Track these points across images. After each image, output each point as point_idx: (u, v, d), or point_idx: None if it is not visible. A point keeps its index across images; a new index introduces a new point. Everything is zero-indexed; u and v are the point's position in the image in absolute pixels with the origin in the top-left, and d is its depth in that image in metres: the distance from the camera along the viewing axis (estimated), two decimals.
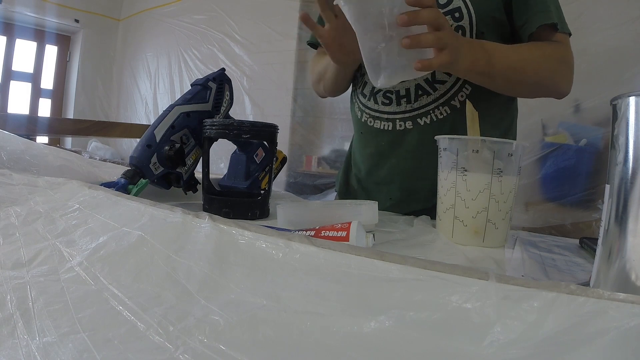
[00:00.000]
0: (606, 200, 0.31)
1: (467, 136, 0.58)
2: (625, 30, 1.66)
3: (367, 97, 0.79)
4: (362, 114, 0.82)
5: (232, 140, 0.69)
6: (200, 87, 0.73)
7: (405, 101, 0.75)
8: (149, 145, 0.65)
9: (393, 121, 0.77)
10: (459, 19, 0.70)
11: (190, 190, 0.73)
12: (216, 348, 0.23)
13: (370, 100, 0.78)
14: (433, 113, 0.74)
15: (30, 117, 2.57)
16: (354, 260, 0.27)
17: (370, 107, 0.79)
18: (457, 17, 0.70)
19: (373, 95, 0.77)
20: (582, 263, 0.50)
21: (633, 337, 0.19)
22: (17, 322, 0.28)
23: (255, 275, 0.29)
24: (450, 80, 0.72)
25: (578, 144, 1.73)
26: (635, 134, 0.28)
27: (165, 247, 0.34)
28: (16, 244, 0.42)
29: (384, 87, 0.70)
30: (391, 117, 0.77)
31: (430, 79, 0.72)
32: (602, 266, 0.31)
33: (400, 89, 0.75)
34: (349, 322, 0.23)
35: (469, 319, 0.22)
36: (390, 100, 0.76)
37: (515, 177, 0.55)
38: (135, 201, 0.45)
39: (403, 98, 0.75)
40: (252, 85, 2.97)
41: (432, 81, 0.72)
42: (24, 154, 0.75)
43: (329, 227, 0.44)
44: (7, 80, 3.63)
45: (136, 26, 4.05)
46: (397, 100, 0.75)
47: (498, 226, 0.54)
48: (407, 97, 0.75)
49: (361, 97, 0.82)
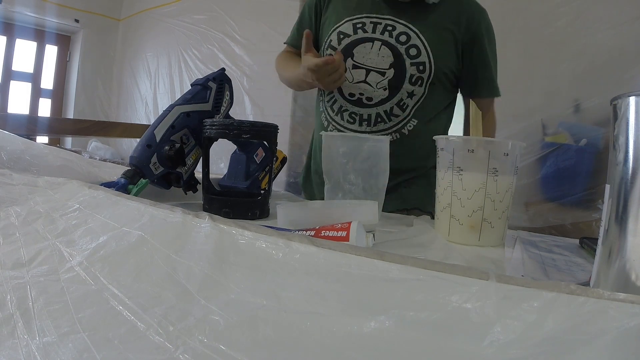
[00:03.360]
0: (606, 200, 0.31)
1: (464, 136, 0.58)
2: (625, 30, 1.66)
3: (334, 112, 0.94)
4: (328, 124, 0.97)
5: (232, 140, 0.69)
6: (200, 87, 0.72)
7: (366, 124, 0.91)
8: (149, 145, 0.65)
9: None
10: (422, 71, 0.87)
11: (190, 190, 0.73)
12: (216, 348, 0.23)
13: (338, 116, 0.94)
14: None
15: (30, 117, 2.57)
16: (354, 260, 0.27)
17: (336, 121, 0.95)
18: (421, 69, 0.87)
19: (340, 112, 0.93)
20: (582, 263, 0.50)
21: (633, 337, 0.19)
22: (17, 322, 0.28)
23: (255, 275, 0.29)
24: (402, 115, 0.90)
25: (578, 144, 1.73)
26: (635, 134, 0.28)
27: (165, 247, 0.34)
28: (16, 244, 0.42)
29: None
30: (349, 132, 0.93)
31: (389, 112, 0.89)
32: (602, 266, 0.31)
33: (364, 113, 0.91)
34: (349, 322, 0.23)
35: (469, 319, 0.22)
36: (354, 120, 0.92)
37: (512, 177, 0.55)
38: (135, 201, 0.45)
39: (365, 121, 0.91)
40: (252, 85, 2.97)
41: (389, 113, 0.90)
42: (24, 154, 0.75)
43: (329, 227, 0.44)
44: (7, 80, 3.63)
45: (136, 26, 4.04)
46: (360, 122, 0.92)
47: (494, 225, 0.54)
48: (368, 121, 0.91)
49: (328, 109, 0.97)
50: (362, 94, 0.89)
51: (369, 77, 0.88)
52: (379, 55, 0.87)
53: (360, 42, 0.89)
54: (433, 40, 0.87)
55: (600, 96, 1.68)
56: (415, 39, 0.86)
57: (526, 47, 1.83)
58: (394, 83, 0.87)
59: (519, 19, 1.84)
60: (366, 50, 0.88)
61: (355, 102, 0.90)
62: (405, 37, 0.86)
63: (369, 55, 0.88)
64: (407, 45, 0.86)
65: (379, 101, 0.88)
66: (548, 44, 1.78)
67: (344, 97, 0.91)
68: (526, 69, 1.83)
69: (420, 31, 0.86)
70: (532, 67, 1.81)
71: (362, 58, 0.88)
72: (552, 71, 1.78)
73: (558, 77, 1.78)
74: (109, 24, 4.15)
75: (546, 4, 1.80)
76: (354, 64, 0.89)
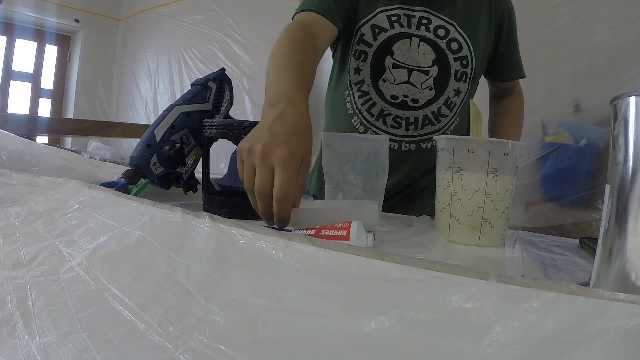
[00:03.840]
0: (606, 200, 0.31)
1: (463, 136, 0.58)
2: (625, 30, 1.66)
3: (374, 117, 0.86)
4: (363, 128, 0.87)
5: (232, 140, 0.69)
6: (200, 87, 0.72)
7: (413, 127, 0.85)
8: (149, 145, 0.65)
9: (399, 142, 0.86)
10: (465, 65, 0.82)
11: (190, 190, 0.73)
12: (216, 348, 0.23)
13: (379, 121, 0.85)
14: (434, 140, 0.85)
15: (30, 117, 2.57)
16: (354, 260, 0.27)
17: (377, 126, 0.86)
18: (464, 64, 0.82)
19: (382, 117, 0.85)
20: (582, 263, 0.50)
21: (633, 337, 0.19)
22: (17, 322, 0.28)
23: (255, 275, 0.29)
24: (450, 115, 0.85)
25: (578, 144, 1.73)
26: (635, 134, 0.28)
27: (165, 247, 0.34)
28: (16, 244, 0.42)
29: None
30: (397, 139, 0.86)
31: (437, 113, 0.84)
32: (602, 266, 0.31)
33: (410, 117, 0.84)
34: (349, 322, 0.23)
35: (469, 319, 0.22)
36: (399, 125, 0.85)
37: (512, 177, 0.55)
38: (135, 201, 0.45)
39: (412, 125, 0.84)
40: (252, 85, 2.97)
41: (437, 114, 0.84)
42: (24, 154, 0.75)
43: (329, 227, 0.44)
44: (7, 80, 3.63)
45: (136, 26, 4.04)
46: (406, 126, 0.85)
47: (494, 225, 0.54)
48: (415, 124, 0.84)
49: (364, 112, 0.87)
50: (406, 96, 0.81)
51: (412, 77, 0.81)
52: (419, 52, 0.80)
53: (398, 39, 0.80)
54: (469, 30, 0.81)
55: (600, 96, 1.68)
56: (454, 32, 0.80)
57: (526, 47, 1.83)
58: (439, 81, 0.81)
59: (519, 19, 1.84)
60: (405, 47, 0.80)
61: (399, 104, 0.82)
62: (444, 31, 0.80)
63: (409, 53, 0.80)
64: (447, 40, 0.80)
65: (425, 102, 0.82)
66: (548, 44, 1.78)
67: (386, 100, 0.83)
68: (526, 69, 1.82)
69: (457, 23, 0.80)
70: (532, 67, 1.81)
71: (403, 56, 0.80)
72: (552, 71, 1.78)
73: (558, 77, 1.78)
74: (109, 24, 4.15)
75: (546, 4, 1.80)
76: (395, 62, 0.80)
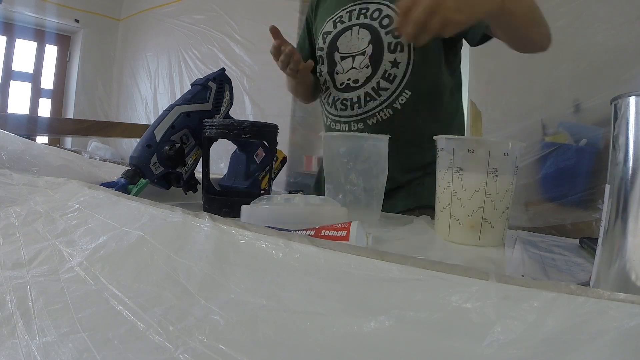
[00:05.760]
0: (606, 200, 0.31)
1: (463, 136, 0.58)
2: (625, 30, 1.66)
3: (330, 105, 0.95)
4: (326, 119, 0.99)
5: (232, 140, 0.69)
6: (200, 87, 0.72)
7: (357, 106, 0.89)
8: (149, 145, 0.65)
9: (349, 123, 0.92)
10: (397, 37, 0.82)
11: (190, 190, 0.73)
12: (216, 348, 0.23)
13: (332, 107, 0.94)
14: (378, 115, 0.88)
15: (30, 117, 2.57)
16: (354, 260, 0.27)
17: (332, 113, 0.95)
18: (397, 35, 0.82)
19: (334, 103, 0.93)
20: (582, 263, 0.50)
21: (633, 337, 0.19)
22: (17, 322, 0.28)
23: (255, 275, 0.29)
24: (392, 87, 0.86)
25: (578, 144, 1.73)
26: (635, 134, 0.28)
27: (165, 247, 0.34)
28: (16, 244, 0.42)
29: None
30: (346, 120, 0.92)
31: (376, 87, 0.86)
32: (602, 266, 0.31)
33: (353, 97, 0.89)
34: (349, 322, 0.23)
35: (469, 319, 0.22)
36: (346, 106, 0.91)
37: (512, 177, 0.55)
38: (135, 201, 0.45)
39: (355, 104, 0.89)
40: (252, 85, 2.97)
41: (377, 89, 0.86)
42: (24, 154, 0.75)
43: (329, 227, 0.44)
44: (7, 80, 3.63)
45: (136, 26, 4.05)
46: (351, 106, 0.90)
47: (494, 225, 0.54)
48: (358, 103, 0.89)
49: (326, 105, 0.98)
50: (349, 79, 0.89)
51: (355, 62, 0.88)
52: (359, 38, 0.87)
53: (340, 34, 0.90)
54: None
55: (600, 96, 1.68)
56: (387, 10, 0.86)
57: None
58: (374, 58, 0.86)
59: None
60: (347, 39, 0.89)
61: (344, 88, 0.90)
62: (378, 13, 0.86)
63: (351, 42, 0.88)
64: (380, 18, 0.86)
65: (364, 80, 0.87)
66: None
67: (336, 88, 0.92)
68: (526, 69, 1.83)
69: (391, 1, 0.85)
70: (532, 67, 1.81)
71: (346, 47, 0.89)
72: (552, 71, 1.78)
73: (558, 77, 1.78)
74: (109, 24, 4.15)
75: (546, 4, 1.79)
76: (341, 55, 0.90)
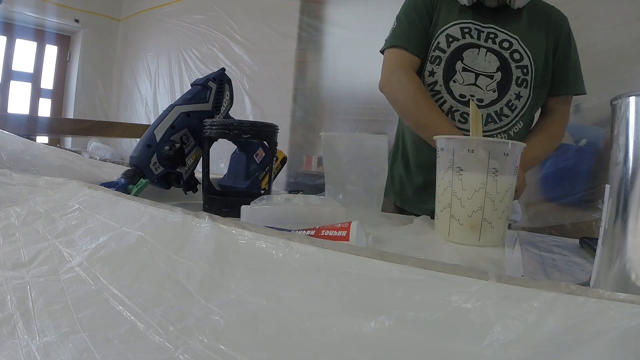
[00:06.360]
0: (606, 200, 0.31)
1: (463, 136, 0.58)
2: (625, 30, 1.66)
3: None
4: None
5: (232, 140, 0.69)
6: (200, 87, 0.72)
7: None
8: (149, 145, 0.65)
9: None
10: (526, 73, 0.92)
11: (190, 190, 0.73)
12: (216, 348, 0.23)
13: (448, 116, 0.95)
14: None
15: (30, 117, 2.57)
16: (354, 260, 0.27)
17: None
18: (525, 72, 0.92)
19: (451, 113, 0.94)
20: (582, 263, 0.50)
21: (633, 337, 0.19)
22: (17, 322, 0.28)
23: (255, 275, 0.29)
24: (512, 116, 0.94)
25: (578, 144, 1.73)
26: (635, 134, 0.28)
27: (165, 247, 0.34)
28: (16, 244, 0.42)
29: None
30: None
31: (499, 112, 0.93)
32: (602, 266, 0.31)
33: None
34: (349, 322, 0.23)
35: (469, 319, 0.22)
36: (466, 120, 0.93)
37: (512, 177, 0.55)
38: (135, 201, 0.45)
39: None
40: (252, 85, 2.97)
41: (499, 114, 0.93)
42: (24, 154, 0.75)
43: (329, 227, 0.44)
44: (7, 80, 3.63)
45: (136, 26, 4.04)
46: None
47: (494, 225, 0.54)
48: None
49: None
50: (472, 96, 0.93)
51: (478, 81, 0.93)
52: (486, 60, 0.93)
53: (468, 47, 0.93)
54: (530, 45, 0.93)
55: (600, 96, 1.67)
56: (516, 45, 0.92)
57: None
58: (502, 85, 0.92)
59: None
60: (474, 55, 0.93)
61: (466, 103, 0.93)
62: (508, 44, 0.92)
63: (477, 60, 0.93)
64: (510, 50, 0.92)
65: (489, 102, 0.93)
66: None
67: (455, 98, 0.94)
68: None
69: (520, 38, 0.92)
70: None
71: (471, 62, 0.93)
72: None
73: None
74: (109, 24, 4.15)
75: None
76: (464, 67, 0.93)
